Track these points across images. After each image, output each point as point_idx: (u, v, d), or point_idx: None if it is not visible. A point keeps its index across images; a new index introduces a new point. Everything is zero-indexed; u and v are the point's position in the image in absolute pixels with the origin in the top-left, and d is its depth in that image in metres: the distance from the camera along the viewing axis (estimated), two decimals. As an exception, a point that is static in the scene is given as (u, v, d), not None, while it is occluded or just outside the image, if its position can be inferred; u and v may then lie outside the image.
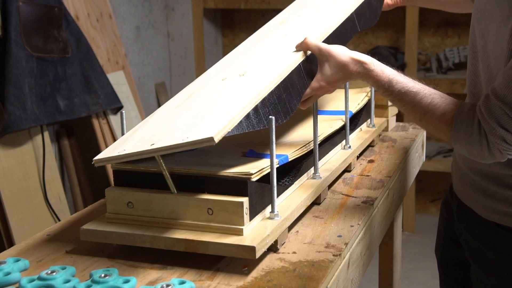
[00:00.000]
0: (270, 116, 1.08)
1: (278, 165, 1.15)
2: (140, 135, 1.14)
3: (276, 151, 1.11)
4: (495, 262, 1.36)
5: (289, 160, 1.23)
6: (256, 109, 1.10)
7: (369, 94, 1.78)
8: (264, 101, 1.13)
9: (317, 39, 1.30)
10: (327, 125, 1.48)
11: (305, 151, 1.30)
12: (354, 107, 1.65)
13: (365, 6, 1.56)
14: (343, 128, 1.54)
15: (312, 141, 1.32)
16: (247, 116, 1.08)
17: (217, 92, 1.22)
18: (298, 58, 1.26)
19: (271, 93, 1.16)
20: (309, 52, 1.28)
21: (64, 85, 2.49)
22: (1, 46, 2.29)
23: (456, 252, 1.52)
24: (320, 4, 1.61)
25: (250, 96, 1.11)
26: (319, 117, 1.40)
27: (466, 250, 1.45)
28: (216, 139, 0.99)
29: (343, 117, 1.55)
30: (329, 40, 1.35)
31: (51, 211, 2.47)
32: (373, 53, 3.84)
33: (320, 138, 1.37)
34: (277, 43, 1.41)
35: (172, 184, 1.08)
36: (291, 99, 1.22)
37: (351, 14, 1.49)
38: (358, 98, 1.72)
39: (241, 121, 1.06)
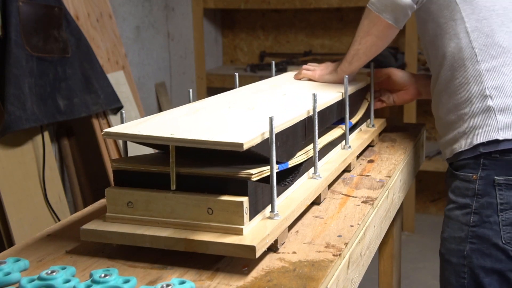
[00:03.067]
0: (270, 116, 1.08)
1: (278, 170, 1.16)
2: (152, 124, 1.14)
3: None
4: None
5: (289, 166, 1.24)
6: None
7: (368, 99, 1.79)
8: (277, 135, 1.13)
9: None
10: (328, 133, 1.50)
11: (305, 159, 1.31)
12: (354, 118, 1.67)
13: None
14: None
15: (312, 149, 1.33)
16: (266, 140, 1.10)
17: (228, 115, 1.25)
18: (304, 113, 1.31)
19: (282, 132, 1.19)
20: (310, 113, 1.32)
21: (64, 85, 2.49)
22: (1, 46, 2.29)
23: None
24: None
25: (265, 125, 1.12)
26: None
27: None
28: (245, 147, 1.00)
29: (343, 126, 1.56)
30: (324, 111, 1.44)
31: (51, 211, 2.47)
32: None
33: (320, 146, 1.38)
34: (277, 98, 1.48)
35: (174, 179, 1.08)
36: (293, 146, 1.27)
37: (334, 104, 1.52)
38: (358, 82, 1.74)
39: (262, 142, 1.08)
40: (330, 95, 1.49)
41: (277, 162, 1.15)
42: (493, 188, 1.47)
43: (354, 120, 1.67)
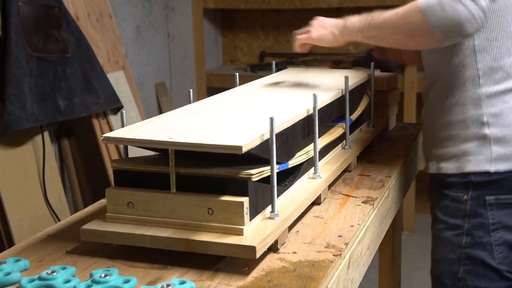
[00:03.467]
0: (270, 116, 1.08)
1: (278, 170, 1.16)
2: (152, 128, 1.14)
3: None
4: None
5: (289, 167, 1.24)
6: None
7: (369, 95, 1.78)
8: (277, 135, 1.13)
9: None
10: (328, 132, 1.50)
11: (306, 159, 1.31)
12: (354, 114, 1.66)
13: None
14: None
15: (312, 149, 1.33)
16: (266, 141, 1.10)
17: (227, 116, 1.25)
18: (304, 113, 1.30)
19: (282, 132, 1.18)
20: (310, 111, 1.31)
21: (64, 85, 2.49)
22: (1, 46, 2.29)
23: None
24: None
25: (265, 126, 1.12)
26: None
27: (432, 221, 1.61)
28: (244, 150, 1.00)
29: (343, 124, 1.55)
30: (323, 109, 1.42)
31: (51, 211, 2.47)
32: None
33: (320, 146, 1.38)
34: (276, 97, 1.47)
35: (174, 182, 1.08)
36: (293, 146, 1.26)
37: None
38: (357, 75, 1.73)
39: (261, 143, 1.08)
40: (330, 93, 1.48)
41: (277, 163, 1.15)
42: (484, 208, 1.44)
43: (354, 117, 1.66)
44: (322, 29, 1.51)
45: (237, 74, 1.69)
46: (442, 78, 1.48)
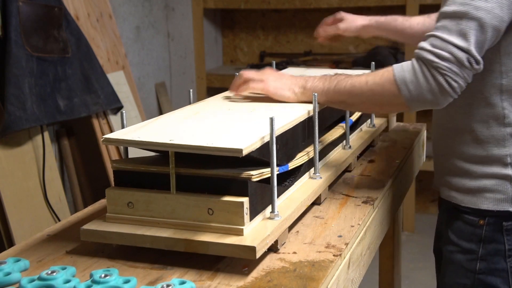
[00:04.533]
0: (271, 117, 1.08)
1: (278, 172, 1.16)
2: (152, 129, 1.14)
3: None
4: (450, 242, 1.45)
5: (289, 169, 1.24)
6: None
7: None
8: (277, 137, 1.13)
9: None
10: (328, 133, 1.50)
11: (306, 160, 1.31)
12: (354, 115, 1.66)
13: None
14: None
15: (312, 150, 1.33)
16: (266, 144, 1.10)
17: (227, 118, 1.25)
18: (304, 114, 1.30)
19: (282, 134, 1.18)
20: (311, 113, 1.30)
21: (64, 85, 2.49)
22: (1, 46, 2.29)
23: (439, 245, 1.57)
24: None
25: (265, 128, 1.12)
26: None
27: (442, 239, 1.52)
28: (244, 153, 1.00)
29: (343, 125, 1.55)
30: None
31: (51, 211, 2.47)
32: (373, 53, 3.85)
33: (320, 147, 1.38)
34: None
35: (174, 184, 1.08)
36: (294, 148, 1.26)
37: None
38: None
39: (262, 146, 1.08)
40: None
41: (277, 165, 1.15)
42: (501, 234, 1.38)
43: (354, 117, 1.66)
44: (280, 83, 1.39)
45: (237, 74, 1.68)
46: (465, 112, 1.38)
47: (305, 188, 1.28)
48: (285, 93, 1.37)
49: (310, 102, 1.31)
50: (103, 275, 0.98)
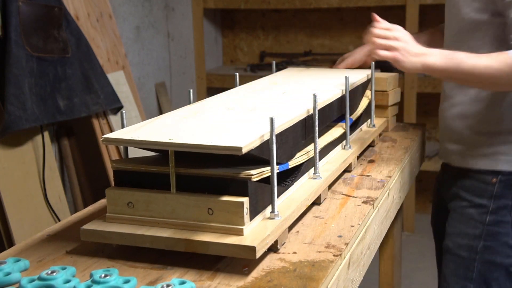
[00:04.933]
0: (271, 116, 1.08)
1: (278, 171, 1.16)
2: (152, 129, 1.14)
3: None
4: (467, 203, 1.64)
5: (289, 167, 1.24)
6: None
7: (369, 97, 1.79)
8: (277, 135, 1.13)
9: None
10: (328, 133, 1.50)
11: (306, 159, 1.31)
12: (354, 114, 1.66)
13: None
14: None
15: (312, 150, 1.33)
16: (266, 142, 1.10)
17: (227, 117, 1.25)
18: (304, 113, 1.30)
19: (282, 132, 1.18)
20: (310, 112, 1.31)
21: (64, 85, 2.49)
22: (1, 46, 2.29)
23: (443, 216, 1.74)
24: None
25: (265, 126, 1.12)
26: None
27: (448, 201, 1.71)
28: (244, 151, 1.00)
29: (343, 124, 1.55)
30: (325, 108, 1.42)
31: (51, 211, 2.47)
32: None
33: (320, 147, 1.38)
34: (276, 97, 1.46)
35: (174, 184, 1.08)
36: (294, 146, 1.26)
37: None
38: (357, 75, 1.72)
39: (261, 144, 1.08)
40: (330, 93, 1.48)
41: (277, 163, 1.15)
42: (510, 190, 1.57)
43: (354, 117, 1.66)
44: (411, 57, 1.45)
45: (237, 74, 1.69)
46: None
47: (305, 188, 1.28)
48: (416, 66, 1.45)
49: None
50: (103, 275, 0.99)
